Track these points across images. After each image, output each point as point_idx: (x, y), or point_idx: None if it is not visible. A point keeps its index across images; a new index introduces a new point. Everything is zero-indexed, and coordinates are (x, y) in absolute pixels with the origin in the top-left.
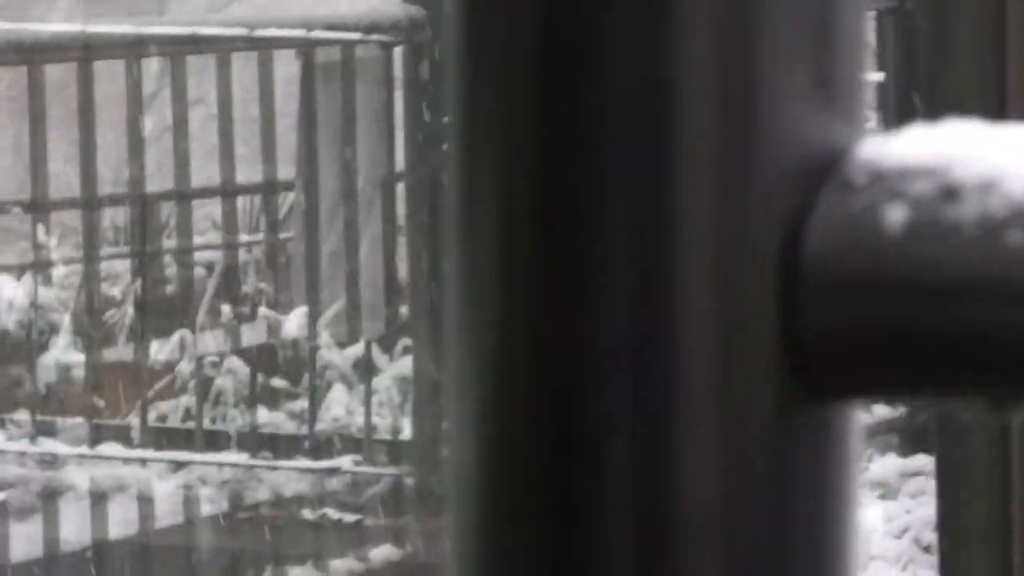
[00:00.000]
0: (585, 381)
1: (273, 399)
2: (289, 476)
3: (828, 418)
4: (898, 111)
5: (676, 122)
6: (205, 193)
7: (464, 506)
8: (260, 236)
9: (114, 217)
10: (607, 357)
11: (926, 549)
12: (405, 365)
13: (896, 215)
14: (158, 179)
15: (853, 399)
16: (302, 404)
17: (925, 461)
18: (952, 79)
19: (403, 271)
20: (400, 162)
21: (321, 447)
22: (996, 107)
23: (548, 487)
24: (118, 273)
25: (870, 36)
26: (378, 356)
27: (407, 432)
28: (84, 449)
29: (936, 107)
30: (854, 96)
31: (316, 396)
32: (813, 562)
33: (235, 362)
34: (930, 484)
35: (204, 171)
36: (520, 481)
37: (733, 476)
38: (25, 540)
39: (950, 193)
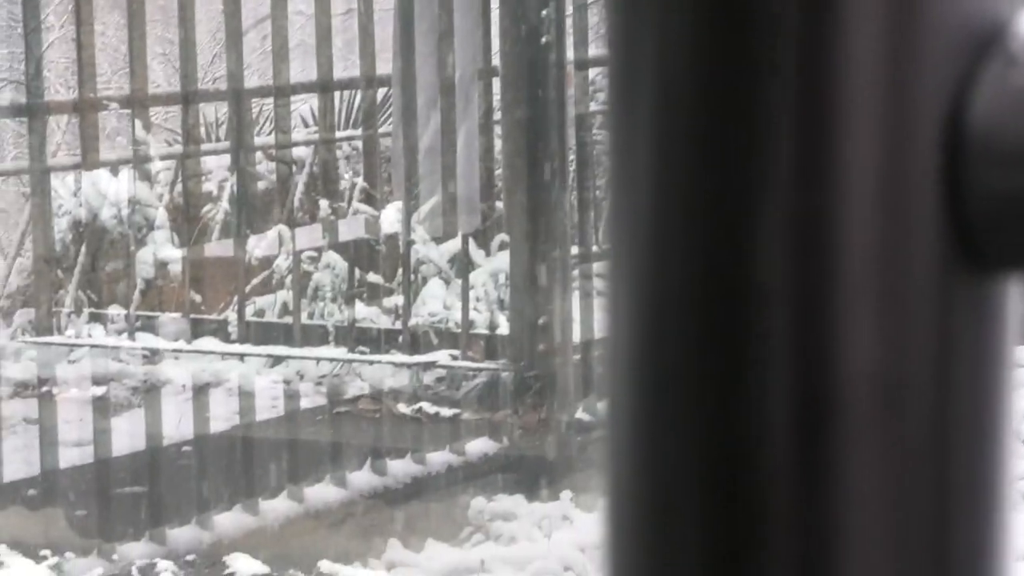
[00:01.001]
0: (745, 254)
1: (370, 294)
2: (386, 370)
3: (990, 291)
4: None
5: None
6: (302, 88)
7: (618, 381)
8: (357, 131)
9: (210, 112)
10: (768, 229)
11: None
12: (502, 260)
13: None
14: (255, 74)
15: (1015, 271)
16: (398, 299)
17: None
18: None
19: (499, 166)
20: (497, 56)
21: (417, 342)
22: None
23: (705, 359)
24: (213, 169)
25: None
26: (474, 251)
27: (504, 327)
28: (182, 344)
29: None
30: None
31: (412, 291)
32: (971, 433)
33: (332, 257)
34: None
35: (301, 66)
36: (676, 352)
37: (894, 348)
38: (126, 434)
39: None
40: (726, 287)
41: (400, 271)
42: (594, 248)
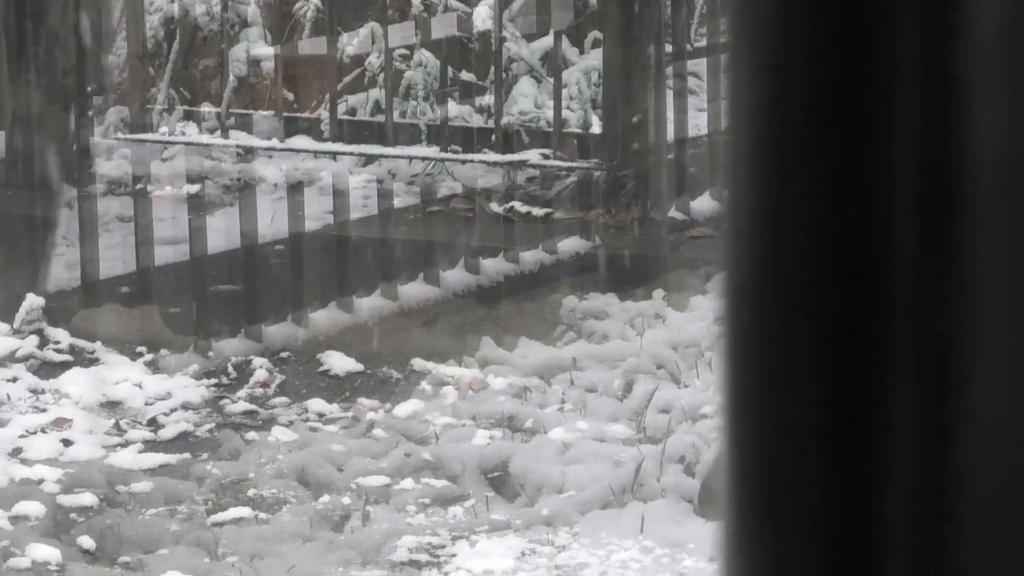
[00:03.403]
0: (872, 37)
1: (462, 92)
2: (478, 169)
3: None
4: None
5: None
6: None
7: (739, 170)
8: None
9: None
10: (895, 15)
11: None
12: (595, 58)
13: None
14: None
15: None
16: (491, 97)
17: None
18: None
19: None
20: None
21: (510, 141)
22: None
23: (828, 142)
24: None
25: None
26: (567, 48)
27: (596, 126)
28: (275, 142)
29: None
30: None
31: (503, 89)
32: None
33: (425, 55)
34: None
35: None
36: (798, 139)
37: (1020, 137)
38: (221, 232)
39: None
40: (851, 70)
41: (492, 69)
42: (688, 46)
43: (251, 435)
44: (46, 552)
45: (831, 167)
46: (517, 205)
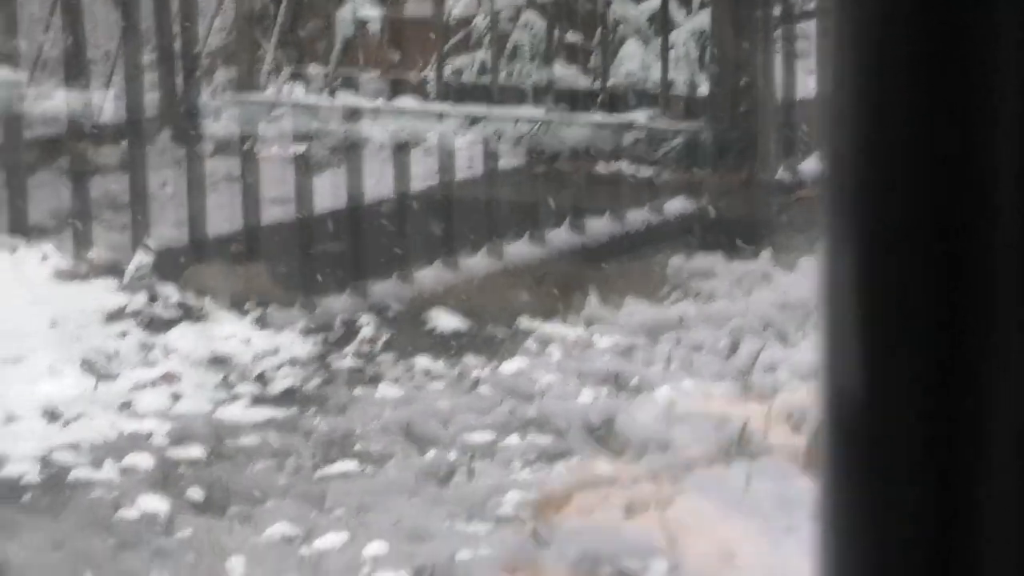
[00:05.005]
0: (974, 14)
1: (568, 54)
2: (584, 131)
3: None
4: None
5: None
6: None
7: (837, 145)
8: None
9: None
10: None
11: None
12: (703, 19)
13: None
14: None
15: None
16: (597, 59)
17: None
18: None
19: None
20: None
21: (616, 102)
22: None
23: (931, 130)
24: None
25: None
26: (675, 9)
27: (704, 87)
28: (381, 103)
29: None
30: None
31: (609, 51)
32: None
33: (531, 16)
34: None
35: None
36: (902, 122)
37: None
38: (327, 192)
39: None
40: (952, 46)
41: (599, 30)
42: (797, 8)
43: (357, 391)
44: (155, 503)
45: (934, 152)
46: (624, 166)
